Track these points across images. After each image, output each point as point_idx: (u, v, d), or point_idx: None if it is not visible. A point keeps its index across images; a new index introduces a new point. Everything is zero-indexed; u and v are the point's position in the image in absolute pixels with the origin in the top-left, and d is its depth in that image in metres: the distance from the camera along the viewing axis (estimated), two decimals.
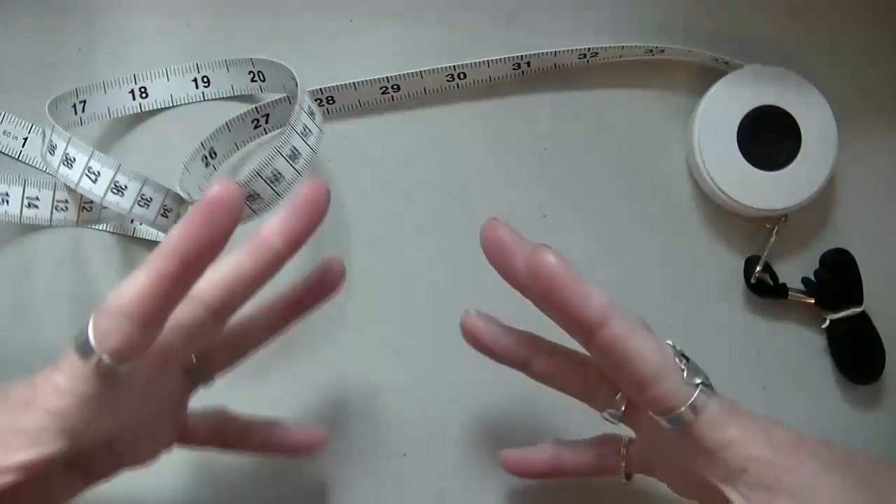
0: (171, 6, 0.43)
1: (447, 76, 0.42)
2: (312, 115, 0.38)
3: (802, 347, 0.43)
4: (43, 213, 0.37)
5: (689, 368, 0.31)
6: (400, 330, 0.43)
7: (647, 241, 0.43)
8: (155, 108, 0.42)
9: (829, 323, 0.42)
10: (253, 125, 0.42)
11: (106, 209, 0.38)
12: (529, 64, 0.42)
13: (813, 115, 0.41)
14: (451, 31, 0.43)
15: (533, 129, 0.43)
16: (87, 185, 0.36)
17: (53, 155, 0.36)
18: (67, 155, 0.36)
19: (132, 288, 0.28)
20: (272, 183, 0.36)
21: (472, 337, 0.36)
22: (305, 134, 0.37)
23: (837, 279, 0.42)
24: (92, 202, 0.38)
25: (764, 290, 0.42)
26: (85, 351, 0.28)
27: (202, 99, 0.42)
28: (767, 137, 0.41)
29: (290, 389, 0.42)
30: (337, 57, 0.43)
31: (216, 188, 0.27)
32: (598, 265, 0.43)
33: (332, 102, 0.42)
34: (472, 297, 0.43)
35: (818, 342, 0.43)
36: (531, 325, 0.35)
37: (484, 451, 0.42)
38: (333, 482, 0.42)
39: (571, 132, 0.43)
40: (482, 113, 0.43)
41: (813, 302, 0.42)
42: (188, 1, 0.43)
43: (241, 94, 0.42)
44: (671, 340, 0.32)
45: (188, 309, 0.30)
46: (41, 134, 0.38)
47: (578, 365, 0.35)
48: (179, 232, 0.27)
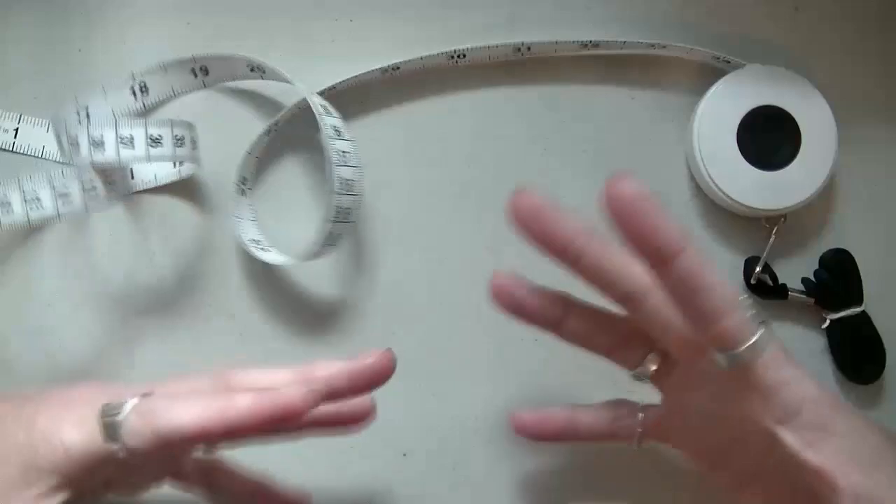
0: (171, 6, 0.43)
1: (447, 57, 0.42)
2: (328, 111, 0.39)
3: (802, 347, 0.43)
4: (48, 209, 0.37)
5: (754, 308, 0.31)
6: (400, 330, 0.43)
7: None
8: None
9: (829, 323, 0.42)
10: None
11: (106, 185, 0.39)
12: (530, 48, 0.42)
13: (813, 115, 0.41)
14: (451, 30, 0.43)
15: (532, 128, 0.43)
16: (127, 154, 0.37)
17: (79, 146, 0.36)
18: (93, 139, 0.36)
19: (180, 422, 0.29)
20: (349, 191, 0.39)
21: (505, 295, 0.35)
22: (339, 134, 0.39)
23: (837, 279, 0.42)
24: (94, 186, 0.38)
25: (764, 290, 0.42)
26: (112, 436, 0.30)
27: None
28: (767, 137, 0.41)
29: None
30: (337, 57, 0.43)
31: (300, 393, 0.30)
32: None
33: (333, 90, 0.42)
34: (470, 295, 0.43)
35: (818, 342, 0.43)
36: None
37: (484, 450, 0.42)
38: (333, 482, 0.42)
39: (571, 132, 0.43)
40: (480, 109, 0.43)
41: (813, 302, 0.42)
42: (188, 1, 0.43)
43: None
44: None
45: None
46: (53, 134, 0.39)
47: (612, 322, 0.35)
48: (249, 406, 0.29)
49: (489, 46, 0.42)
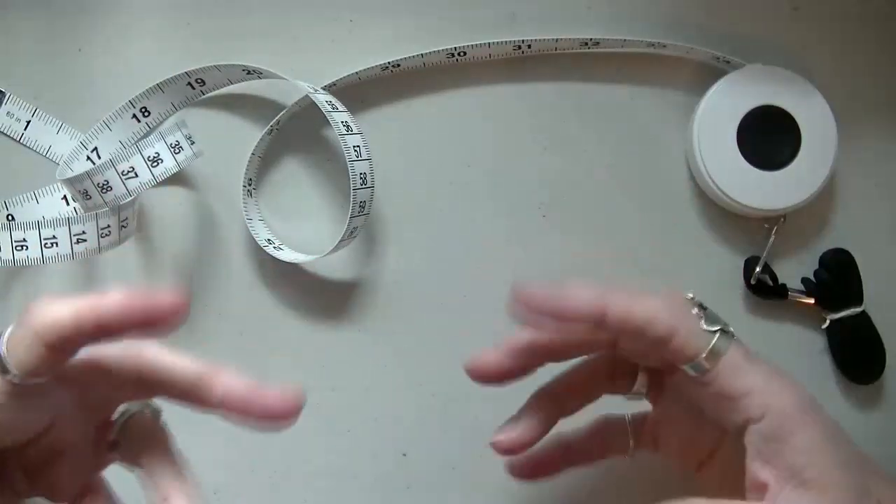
0: (171, 6, 0.43)
1: (448, 54, 0.42)
2: (335, 107, 0.39)
3: (802, 347, 0.43)
4: (63, 249, 0.38)
5: (706, 316, 0.32)
6: (400, 330, 0.43)
7: (646, 241, 0.43)
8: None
9: (829, 323, 0.42)
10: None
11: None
12: (531, 46, 0.42)
13: (813, 115, 0.41)
14: (451, 30, 0.43)
15: (532, 127, 0.43)
16: (134, 184, 0.38)
17: (90, 196, 0.37)
18: (99, 185, 0.37)
19: (53, 315, 0.29)
20: (364, 184, 0.39)
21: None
22: (350, 129, 0.39)
23: (837, 279, 0.42)
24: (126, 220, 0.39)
25: (764, 290, 0.42)
26: (1, 365, 0.29)
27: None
28: (767, 137, 0.41)
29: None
30: (337, 57, 0.43)
31: (170, 298, 0.29)
32: (597, 265, 0.43)
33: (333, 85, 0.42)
34: (470, 293, 0.43)
35: (818, 342, 0.43)
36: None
37: (484, 451, 0.42)
38: (333, 482, 0.42)
39: (571, 132, 0.43)
40: (480, 107, 0.43)
41: (813, 302, 0.42)
42: (188, 1, 0.43)
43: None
44: (691, 293, 0.33)
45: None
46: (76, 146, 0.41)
47: (593, 368, 0.36)
48: (119, 300, 0.29)
49: (490, 44, 0.42)
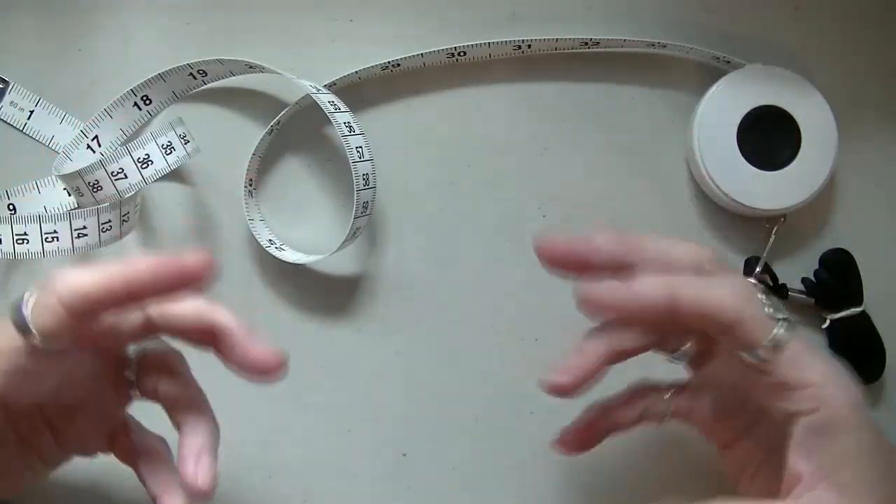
0: (171, 6, 0.43)
1: (448, 54, 0.42)
2: (337, 108, 0.39)
3: None
4: (64, 243, 0.38)
5: (772, 305, 0.31)
6: (400, 330, 0.43)
7: None
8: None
9: (829, 323, 0.42)
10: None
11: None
12: (530, 46, 0.42)
13: (813, 115, 0.41)
14: (451, 31, 0.43)
15: (532, 126, 0.43)
16: (123, 185, 0.38)
17: (81, 193, 0.38)
18: (90, 184, 0.37)
19: (79, 283, 0.29)
20: (367, 185, 0.39)
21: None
22: (352, 129, 0.39)
23: (837, 279, 0.42)
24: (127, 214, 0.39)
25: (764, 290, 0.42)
26: (21, 327, 0.30)
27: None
28: (767, 137, 0.41)
29: (290, 388, 0.42)
30: (337, 57, 0.43)
31: (198, 259, 0.30)
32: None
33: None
34: (470, 294, 0.43)
35: (818, 342, 0.43)
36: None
37: (484, 450, 0.42)
38: (333, 482, 0.42)
39: (571, 130, 0.43)
40: (480, 107, 0.43)
41: (813, 302, 0.42)
42: (188, 1, 0.43)
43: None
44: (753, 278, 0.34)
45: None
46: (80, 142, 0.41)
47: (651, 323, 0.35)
48: (147, 266, 0.30)
49: (490, 44, 0.42)
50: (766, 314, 0.31)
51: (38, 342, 0.30)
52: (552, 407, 0.42)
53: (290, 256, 0.41)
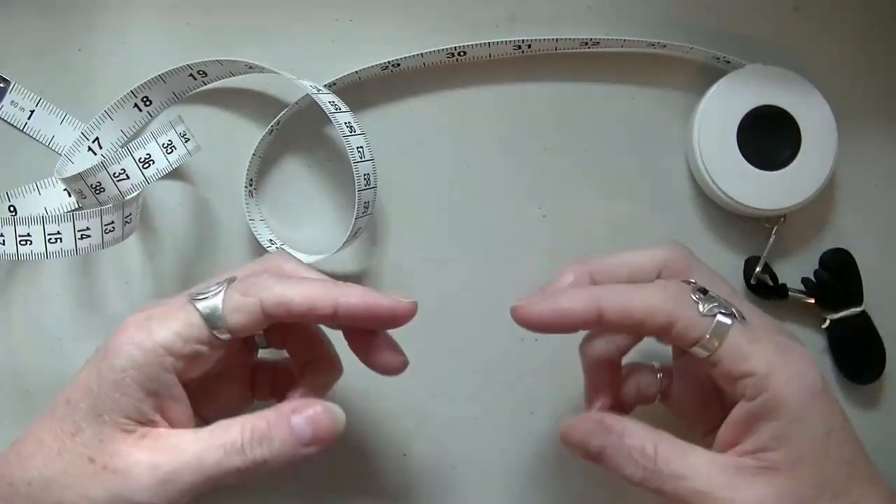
0: (170, 6, 0.43)
1: (448, 54, 0.42)
2: (338, 108, 0.39)
3: None
4: (67, 245, 0.38)
5: (705, 301, 0.32)
6: (399, 329, 0.43)
7: (646, 241, 0.43)
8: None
9: (829, 323, 0.42)
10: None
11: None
12: (531, 46, 0.42)
13: (813, 115, 0.41)
14: (451, 31, 0.43)
15: (532, 126, 0.43)
16: (126, 185, 0.38)
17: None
18: (91, 186, 0.37)
19: (288, 297, 0.31)
20: (368, 185, 0.40)
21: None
22: (353, 129, 0.39)
23: (837, 279, 0.42)
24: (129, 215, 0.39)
25: (764, 290, 0.42)
26: (212, 322, 0.32)
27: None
28: (767, 137, 0.41)
29: None
30: (337, 57, 0.43)
31: (410, 309, 0.33)
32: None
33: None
34: (469, 294, 0.43)
35: (818, 342, 0.43)
36: None
37: (484, 450, 0.42)
38: (333, 482, 0.42)
39: (571, 130, 0.43)
40: (480, 107, 0.43)
41: (813, 302, 0.42)
42: (188, 1, 0.43)
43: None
44: (692, 278, 0.34)
45: None
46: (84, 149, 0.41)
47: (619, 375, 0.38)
48: (360, 300, 0.32)
49: (490, 44, 0.42)
50: (699, 312, 0.32)
51: (224, 336, 0.32)
52: (552, 407, 0.42)
53: None
